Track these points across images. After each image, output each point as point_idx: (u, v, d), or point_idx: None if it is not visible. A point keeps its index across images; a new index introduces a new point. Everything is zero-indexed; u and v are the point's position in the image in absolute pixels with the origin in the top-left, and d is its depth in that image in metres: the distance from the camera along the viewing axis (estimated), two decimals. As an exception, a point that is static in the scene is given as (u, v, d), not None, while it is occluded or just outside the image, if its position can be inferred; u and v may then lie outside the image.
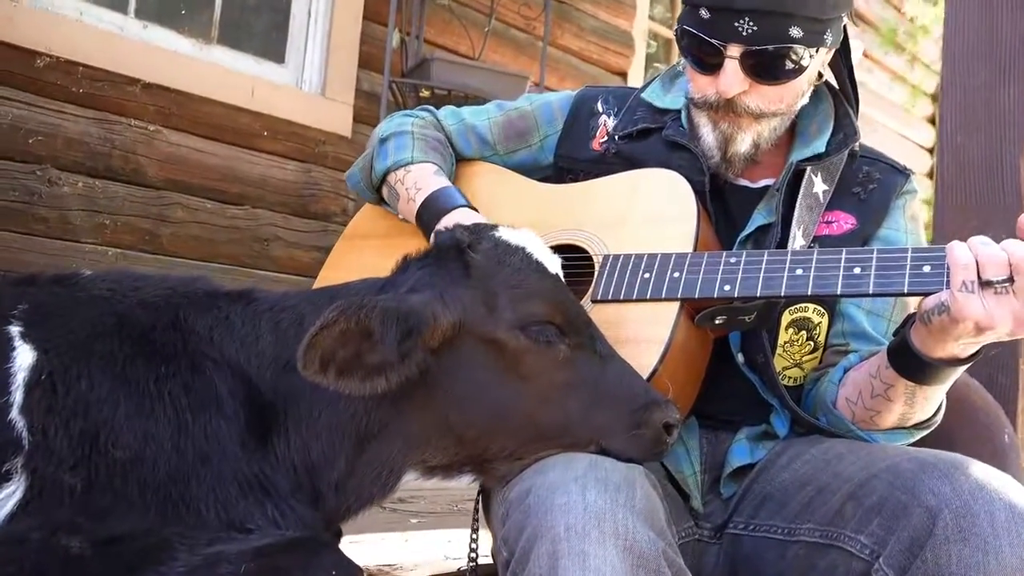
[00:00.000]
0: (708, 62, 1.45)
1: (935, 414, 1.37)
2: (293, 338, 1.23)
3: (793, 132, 1.62)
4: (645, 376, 1.30)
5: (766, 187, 1.56)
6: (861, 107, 1.63)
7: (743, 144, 1.49)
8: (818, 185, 1.55)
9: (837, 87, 1.61)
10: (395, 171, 1.67)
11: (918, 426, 1.38)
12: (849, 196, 1.57)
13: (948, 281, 1.16)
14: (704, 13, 1.42)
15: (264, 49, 3.54)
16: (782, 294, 1.30)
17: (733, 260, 1.35)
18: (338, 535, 1.49)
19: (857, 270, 1.25)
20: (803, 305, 1.51)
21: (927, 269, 1.20)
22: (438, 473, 1.25)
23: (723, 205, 1.58)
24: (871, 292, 1.23)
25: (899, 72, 6.65)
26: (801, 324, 1.51)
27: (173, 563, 1.01)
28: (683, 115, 1.61)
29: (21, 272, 1.35)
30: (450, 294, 1.19)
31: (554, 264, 1.29)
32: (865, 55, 5.52)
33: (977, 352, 1.23)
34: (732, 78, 1.42)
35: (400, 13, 3.59)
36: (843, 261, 1.27)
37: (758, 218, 1.52)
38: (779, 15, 1.38)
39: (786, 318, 1.50)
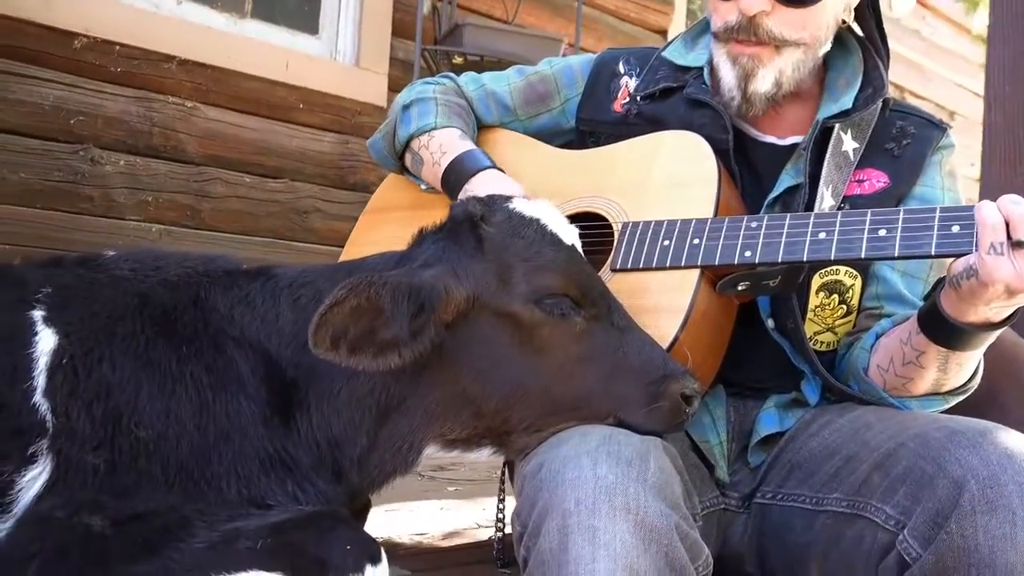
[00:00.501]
0: None
1: (971, 379, 1.32)
2: (312, 315, 1.23)
3: (822, 87, 1.57)
4: (665, 346, 1.28)
5: (794, 145, 1.51)
6: (917, 56, 1.57)
7: (764, 82, 1.44)
8: (848, 143, 1.50)
9: (865, 38, 1.55)
10: (419, 137, 1.66)
11: (953, 392, 1.33)
12: (882, 153, 1.52)
13: (977, 243, 1.12)
14: None
15: (297, 21, 3.53)
16: (804, 259, 1.26)
17: (754, 225, 1.32)
18: (366, 506, 1.51)
19: (883, 232, 1.21)
20: (834, 268, 1.46)
21: (956, 229, 1.16)
22: (458, 446, 1.25)
23: (749, 164, 1.54)
24: (897, 255, 1.19)
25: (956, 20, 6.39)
26: (833, 287, 1.47)
27: (192, 540, 1.03)
28: (705, 72, 1.57)
29: (48, 254, 1.38)
30: (463, 268, 1.18)
31: (570, 235, 1.27)
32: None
33: (1012, 315, 1.18)
34: None
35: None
36: (868, 223, 1.23)
37: (786, 179, 1.48)
38: None
39: (816, 281, 1.46)
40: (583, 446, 1.07)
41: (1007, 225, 1.08)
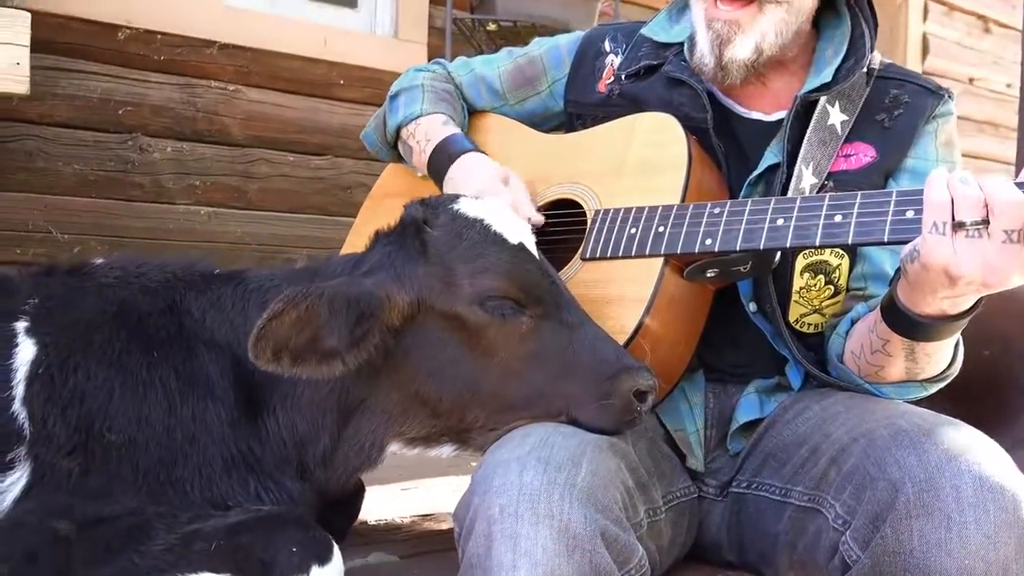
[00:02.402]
0: None
1: (948, 367, 1.26)
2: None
3: (812, 58, 1.50)
4: (625, 339, 1.27)
5: (780, 121, 1.45)
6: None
7: (743, 48, 1.38)
8: (834, 116, 1.43)
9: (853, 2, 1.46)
10: (407, 125, 1.68)
11: (931, 380, 1.27)
12: (872, 124, 1.44)
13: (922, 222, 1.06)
14: None
15: (336, -4, 3.56)
16: (761, 247, 1.22)
17: (716, 211, 1.28)
18: (360, 489, 1.57)
19: (838, 217, 1.16)
20: None
21: (910, 214, 1.10)
22: (419, 444, 1.28)
23: (735, 141, 1.48)
24: (850, 242, 1.14)
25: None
26: (818, 268, 1.42)
27: (151, 542, 1.09)
28: (686, 47, 1.51)
29: (42, 263, 1.45)
30: (407, 273, 1.20)
31: (517, 232, 1.26)
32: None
33: (972, 308, 1.12)
34: None
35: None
36: (824, 208, 1.18)
37: (769, 156, 1.43)
38: None
39: (800, 262, 1.41)
40: (516, 451, 1.08)
41: (952, 204, 1.02)
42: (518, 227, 1.27)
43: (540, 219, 1.44)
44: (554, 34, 3.31)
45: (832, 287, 1.42)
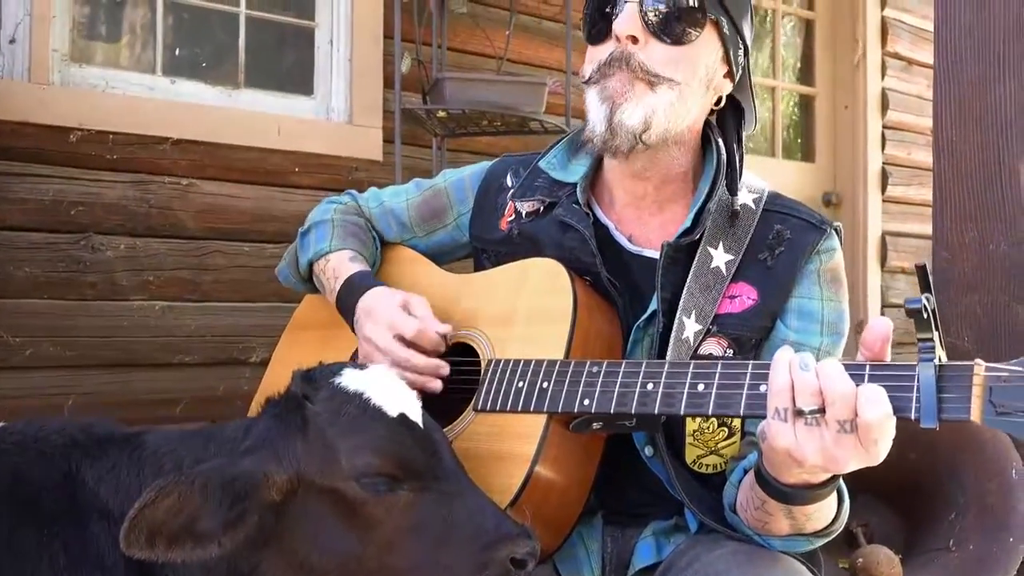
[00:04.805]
0: (605, 26, 1.42)
1: (832, 523, 1.27)
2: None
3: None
4: (509, 500, 1.29)
5: None
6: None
7: (632, 116, 1.39)
8: (718, 257, 1.45)
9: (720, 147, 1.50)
10: (317, 262, 1.71)
11: (817, 534, 1.29)
12: (755, 264, 1.46)
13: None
14: None
15: (291, 84, 3.62)
16: (632, 411, 1.24)
17: (595, 371, 1.31)
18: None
19: (700, 387, 1.18)
20: None
21: (763, 389, 1.12)
22: (312, 611, 1.29)
23: (628, 279, 1.51)
24: (711, 413, 1.16)
25: None
26: None
27: None
28: (578, 188, 1.55)
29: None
30: (285, 449, 1.22)
31: (399, 402, 1.28)
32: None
33: (834, 478, 1.14)
34: (628, 19, 1.38)
35: (426, 27, 3.58)
36: (689, 376, 1.20)
37: (654, 301, 1.45)
38: None
39: None
40: None
41: (792, 390, 1.04)
42: (400, 396, 1.29)
43: (447, 329, 1.46)
44: (504, 119, 3.37)
45: (726, 428, 1.44)
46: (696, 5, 1.40)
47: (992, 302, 1.96)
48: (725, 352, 1.41)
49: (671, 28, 1.39)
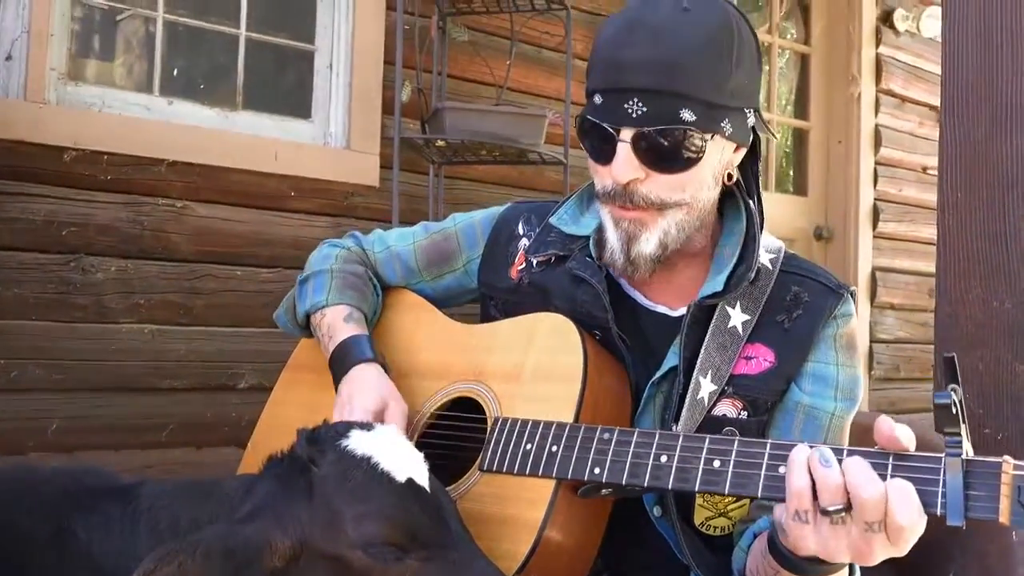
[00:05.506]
0: (604, 149, 1.37)
1: None
2: (169, 540, 1.25)
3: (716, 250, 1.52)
4: (516, 567, 1.26)
5: (683, 316, 1.47)
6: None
7: (648, 244, 1.39)
8: (735, 317, 1.44)
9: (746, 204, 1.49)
10: (313, 314, 1.68)
11: None
12: (772, 326, 1.45)
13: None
14: (598, 99, 1.35)
15: (290, 107, 3.59)
16: (645, 485, 1.22)
17: (606, 437, 1.28)
18: None
19: (717, 463, 1.16)
20: None
21: (782, 471, 1.10)
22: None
23: (640, 335, 1.49)
24: (727, 492, 1.14)
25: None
26: None
27: None
28: (591, 241, 1.53)
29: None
30: (289, 515, 1.19)
31: (406, 466, 1.25)
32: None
33: None
34: (625, 163, 1.34)
35: (426, 54, 3.56)
36: (704, 452, 1.18)
37: (671, 357, 1.44)
38: (669, 95, 1.29)
39: None
40: None
41: (813, 489, 1.02)
42: (407, 459, 1.26)
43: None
44: (503, 150, 3.36)
45: (735, 492, 1.41)
46: (694, 129, 1.31)
47: (995, 359, 1.96)
48: (739, 414, 1.40)
49: (670, 157, 1.33)
